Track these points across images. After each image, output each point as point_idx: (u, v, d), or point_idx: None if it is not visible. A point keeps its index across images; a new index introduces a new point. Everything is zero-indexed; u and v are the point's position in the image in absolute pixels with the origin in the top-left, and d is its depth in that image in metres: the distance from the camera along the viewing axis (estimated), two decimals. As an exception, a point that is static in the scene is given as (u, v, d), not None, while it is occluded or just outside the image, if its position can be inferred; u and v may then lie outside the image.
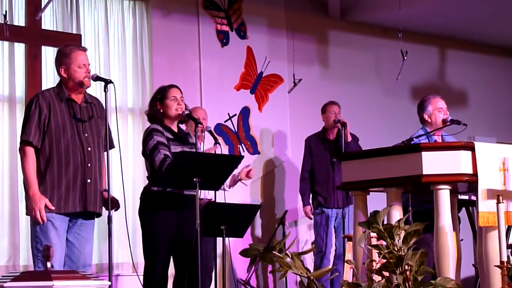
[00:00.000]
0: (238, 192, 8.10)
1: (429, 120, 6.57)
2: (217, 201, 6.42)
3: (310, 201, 8.39)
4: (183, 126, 6.20)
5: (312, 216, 8.38)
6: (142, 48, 8.24)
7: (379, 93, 10.03)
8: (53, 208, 5.09)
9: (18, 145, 5.27)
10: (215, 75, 8.88)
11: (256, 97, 9.25)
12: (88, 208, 5.22)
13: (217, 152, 6.42)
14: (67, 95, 5.29)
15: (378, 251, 4.41)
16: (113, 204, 5.40)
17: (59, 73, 5.35)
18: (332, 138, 8.35)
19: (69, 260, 5.19)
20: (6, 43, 7.39)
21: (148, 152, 5.76)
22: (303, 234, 9.19)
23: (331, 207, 8.22)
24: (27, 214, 5.23)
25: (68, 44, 5.55)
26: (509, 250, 4.86)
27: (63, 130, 5.19)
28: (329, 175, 8.26)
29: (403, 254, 4.30)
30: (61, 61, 5.32)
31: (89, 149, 5.25)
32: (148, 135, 5.81)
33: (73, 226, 5.24)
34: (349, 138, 8.09)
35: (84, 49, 5.43)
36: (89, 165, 5.24)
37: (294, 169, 8.96)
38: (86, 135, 5.27)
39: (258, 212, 8.53)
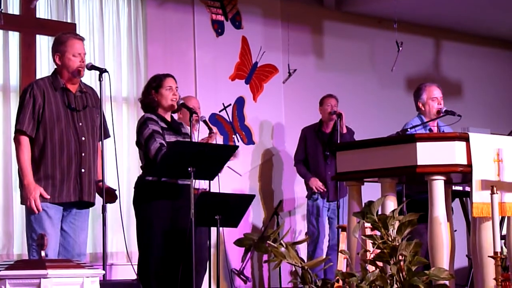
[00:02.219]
0: (233, 182, 8.11)
1: (423, 109, 6.58)
2: (211, 191, 6.42)
3: (305, 189, 8.41)
4: (175, 116, 6.18)
5: (321, 186, 8.30)
6: (137, 38, 8.23)
7: (374, 84, 10.04)
8: (48, 197, 5.08)
9: (13, 135, 5.26)
10: (209, 65, 8.87)
11: (251, 87, 9.25)
12: (83, 198, 5.21)
13: (215, 142, 6.42)
14: (62, 84, 5.26)
15: (372, 241, 4.42)
16: (111, 196, 5.40)
17: (54, 60, 5.32)
18: (328, 132, 8.35)
19: (63, 249, 5.19)
20: (0, 32, 7.38)
21: (143, 141, 5.75)
22: (297, 224, 9.20)
23: (323, 198, 8.25)
24: (21, 203, 5.22)
25: (66, 32, 5.52)
26: (503, 241, 4.87)
27: (57, 119, 5.17)
28: (320, 168, 8.28)
29: (397, 244, 4.31)
30: (57, 48, 5.30)
31: (83, 138, 5.24)
32: (142, 124, 5.80)
33: (67, 216, 5.23)
34: (344, 130, 8.09)
35: (82, 38, 5.40)
36: (83, 154, 5.22)
37: (289, 159, 8.97)
38: (80, 124, 5.25)
39: (253, 202, 8.56)
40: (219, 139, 8.59)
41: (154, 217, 5.69)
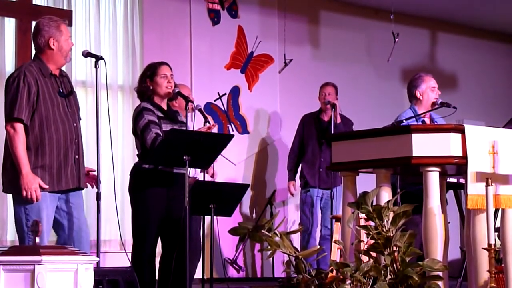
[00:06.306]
0: (228, 171, 8.11)
1: (420, 98, 6.52)
2: (206, 179, 6.42)
3: (298, 179, 8.42)
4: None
5: (293, 192, 8.45)
6: (133, 25, 8.22)
7: (370, 74, 10.04)
8: (46, 187, 5.00)
9: (4, 122, 5.08)
10: (205, 54, 8.87)
11: (246, 77, 9.24)
12: (81, 185, 5.18)
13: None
14: (50, 71, 5.19)
15: (366, 232, 4.42)
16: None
17: (46, 45, 5.14)
18: (326, 119, 8.32)
19: (75, 233, 5.12)
20: (-4, 18, 7.37)
21: (139, 131, 5.74)
22: (291, 214, 9.21)
23: (316, 187, 8.26)
24: (5, 191, 5.15)
25: (50, 16, 5.36)
26: (497, 233, 4.87)
27: (51, 107, 5.07)
28: (315, 155, 8.29)
29: (391, 235, 4.31)
30: (51, 32, 5.17)
31: (75, 124, 5.18)
32: (138, 114, 5.78)
33: (66, 198, 5.15)
34: (338, 120, 8.09)
35: (66, 22, 5.37)
36: (76, 140, 5.17)
37: (284, 149, 8.97)
38: (70, 110, 5.18)
39: (246, 192, 8.55)
40: (213, 129, 8.58)
41: (149, 205, 5.69)
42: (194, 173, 6.69)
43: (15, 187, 4.99)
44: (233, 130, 9.01)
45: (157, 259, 5.86)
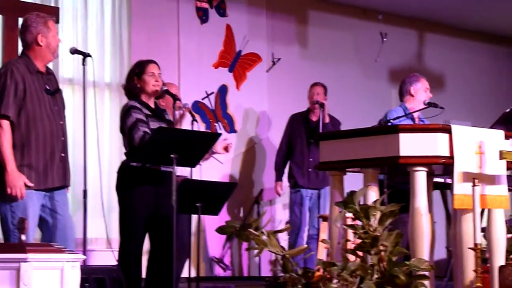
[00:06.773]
0: (216, 170, 8.09)
1: (414, 96, 6.56)
2: (193, 178, 6.41)
3: (287, 179, 8.42)
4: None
5: (280, 193, 8.45)
6: (120, 23, 8.19)
7: (358, 74, 10.05)
8: (31, 185, 4.97)
9: None
10: (193, 52, 8.86)
11: (234, 76, 9.24)
12: (67, 183, 5.15)
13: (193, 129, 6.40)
14: (37, 68, 5.14)
15: (353, 231, 4.42)
16: None
17: (34, 41, 5.09)
18: (315, 119, 8.32)
19: (58, 230, 5.10)
20: (-18, 14, 7.33)
21: (127, 130, 5.71)
22: (278, 213, 9.21)
23: (305, 187, 8.26)
24: None
25: (37, 13, 5.31)
26: (483, 233, 4.89)
27: (38, 105, 5.04)
28: (304, 155, 8.29)
29: (378, 234, 4.32)
30: (39, 29, 5.12)
31: (61, 122, 5.15)
32: (126, 113, 5.76)
33: (52, 196, 5.12)
34: (327, 119, 8.10)
35: (54, 19, 5.34)
36: (62, 139, 5.14)
37: (272, 149, 8.97)
38: (56, 108, 5.14)
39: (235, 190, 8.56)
40: (201, 127, 8.57)
41: (137, 203, 5.67)
42: (181, 172, 6.68)
43: (0, 184, 4.95)
44: (220, 129, 9.00)
45: (144, 258, 5.85)
